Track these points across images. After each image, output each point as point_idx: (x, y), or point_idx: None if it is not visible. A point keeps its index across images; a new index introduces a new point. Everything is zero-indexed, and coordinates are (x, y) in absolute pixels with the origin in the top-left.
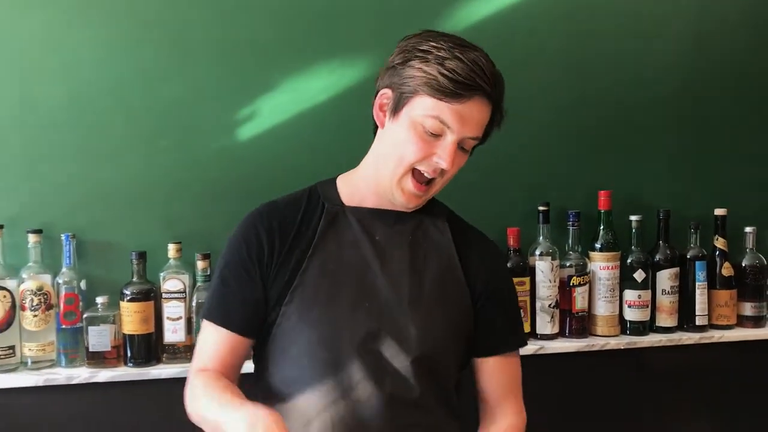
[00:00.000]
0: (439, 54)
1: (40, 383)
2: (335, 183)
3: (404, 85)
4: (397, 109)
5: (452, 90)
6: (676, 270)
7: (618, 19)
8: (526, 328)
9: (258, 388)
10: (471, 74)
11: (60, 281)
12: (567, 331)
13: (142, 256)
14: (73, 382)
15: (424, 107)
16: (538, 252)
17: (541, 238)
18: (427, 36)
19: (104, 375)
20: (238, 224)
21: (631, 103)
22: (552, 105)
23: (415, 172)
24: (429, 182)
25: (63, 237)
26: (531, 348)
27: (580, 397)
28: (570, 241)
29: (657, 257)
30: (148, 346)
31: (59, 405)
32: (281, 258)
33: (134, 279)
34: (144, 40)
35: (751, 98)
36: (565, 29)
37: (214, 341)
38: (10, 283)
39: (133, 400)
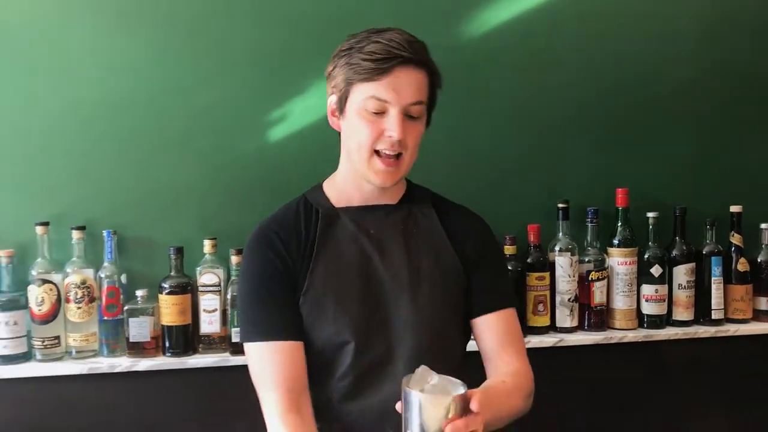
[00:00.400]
0: (358, 45)
1: (84, 371)
2: (322, 189)
3: (340, 85)
4: (342, 107)
5: (375, 67)
6: (692, 265)
7: (634, 18)
8: (546, 322)
9: None
10: (388, 48)
11: (102, 275)
12: (586, 325)
13: (179, 251)
14: (115, 370)
15: (360, 93)
16: (557, 248)
17: (560, 234)
18: (348, 37)
19: (144, 364)
20: (245, 251)
21: (649, 102)
22: (570, 104)
23: (380, 153)
24: (397, 157)
25: (105, 233)
26: (550, 340)
27: (598, 388)
28: (589, 238)
29: (673, 253)
30: (185, 337)
31: (102, 392)
32: (295, 266)
33: (172, 273)
34: (181, 47)
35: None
36: (582, 29)
37: (270, 359)
38: (56, 277)
39: (171, 388)
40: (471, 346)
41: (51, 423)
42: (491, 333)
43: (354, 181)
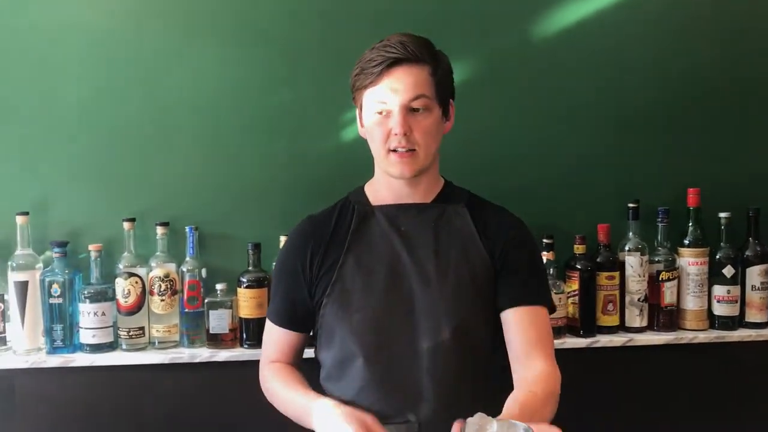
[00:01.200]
0: (362, 57)
1: (167, 361)
2: (363, 189)
3: (355, 98)
4: (361, 117)
5: (371, 74)
6: (766, 266)
7: (707, 16)
8: (615, 321)
9: (319, 371)
10: (380, 55)
11: (184, 269)
12: (656, 325)
13: (257, 247)
14: (195, 360)
15: (367, 100)
16: (627, 247)
17: (630, 234)
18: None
19: (223, 355)
20: (286, 240)
21: (721, 99)
22: (642, 103)
23: (395, 151)
24: (412, 152)
25: (187, 229)
26: (620, 340)
27: (668, 389)
28: (659, 237)
29: (747, 253)
30: (262, 329)
31: (182, 381)
32: (322, 261)
33: (250, 268)
34: (259, 51)
35: None
36: (656, 27)
37: (276, 338)
38: (141, 271)
39: (248, 378)
40: None
41: (134, 409)
42: (519, 328)
43: (384, 181)
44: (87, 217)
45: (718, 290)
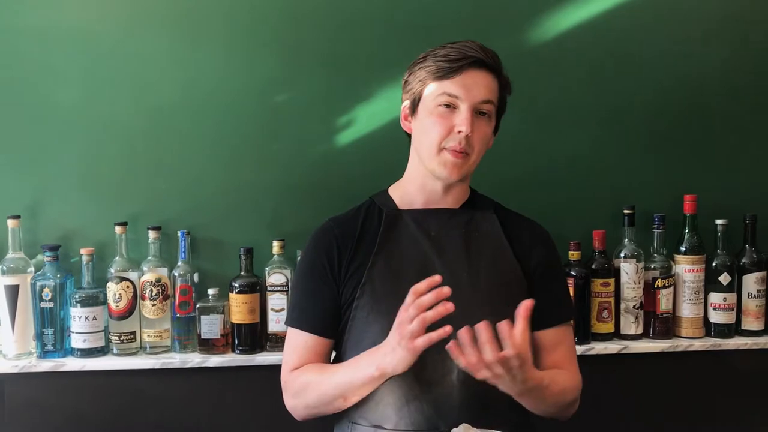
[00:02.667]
0: (433, 52)
1: (158, 366)
2: (387, 192)
3: (414, 88)
4: (414, 109)
5: (448, 67)
6: (762, 274)
7: (708, 22)
8: (610, 328)
9: None
10: (461, 51)
11: (176, 274)
12: (651, 332)
13: (249, 252)
14: (187, 365)
15: (433, 92)
16: (623, 254)
17: (626, 240)
18: (425, 51)
19: (214, 360)
20: (307, 241)
21: (718, 106)
22: (639, 109)
23: (448, 150)
24: (465, 155)
25: (179, 234)
26: (615, 347)
27: (663, 396)
28: (655, 244)
29: (743, 261)
30: (254, 335)
31: (173, 386)
32: (350, 262)
33: (242, 273)
34: (257, 56)
35: None
36: (654, 33)
37: (301, 345)
38: (133, 275)
39: (240, 384)
40: None
41: (125, 414)
42: (549, 346)
43: (419, 181)
44: (79, 220)
45: (714, 298)
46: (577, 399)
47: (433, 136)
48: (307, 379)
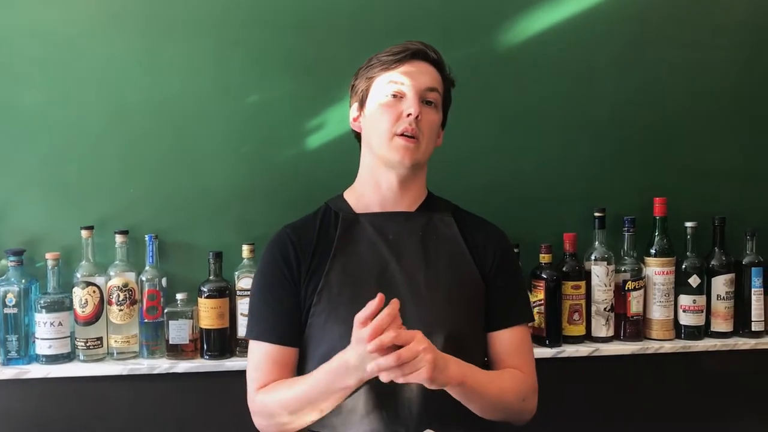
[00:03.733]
0: (377, 53)
1: (125, 372)
2: (343, 197)
3: (360, 88)
4: (362, 104)
5: (392, 58)
6: (731, 276)
7: (675, 26)
8: (581, 331)
9: None
10: (404, 45)
11: (143, 278)
12: (622, 335)
13: (218, 256)
14: (155, 372)
15: (380, 83)
16: (593, 257)
17: (596, 243)
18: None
19: (183, 366)
20: (264, 249)
21: (688, 110)
22: (608, 112)
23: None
24: (415, 140)
25: (147, 238)
26: (586, 350)
27: (634, 398)
28: (625, 247)
29: (712, 263)
30: (223, 340)
31: (141, 393)
32: (307, 266)
33: (211, 277)
34: (225, 57)
35: None
36: (622, 38)
37: (265, 359)
38: (99, 280)
39: (209, 390)
40: None
41: (91, 422)
42: (503, 347)
43: (373, 180)
44: (44, 224)
45: (684, 300)
46: (526, 401)
47: (383, 124)
48: (277, 400)
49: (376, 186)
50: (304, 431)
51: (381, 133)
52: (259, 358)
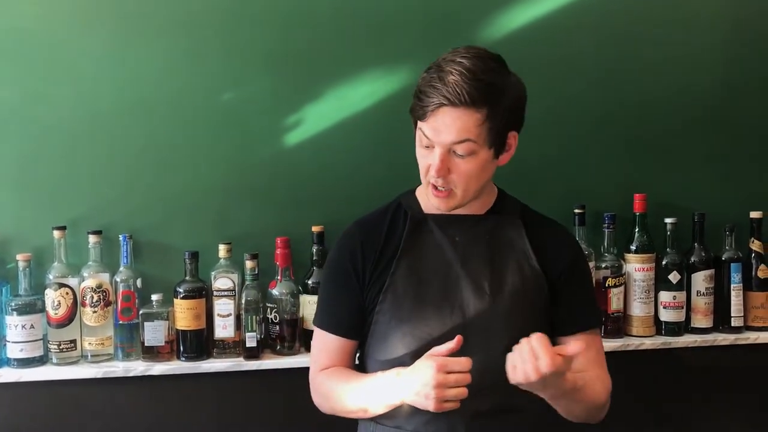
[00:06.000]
0: (425, 74)
1: (99, 375)
2: (415, 193)
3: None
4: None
5: (420, 108)
6: (711, 272)
7: (655, 24)
8: None
9: None
10: (433, 91)
11: (118, 279)
12: (603, 332)
13: (194, 256)
14: (130, 374)
15: (418, 129)
16: None
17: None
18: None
19: (159, 368)
20: (335, 242)
21: (667, 106)
22: (588, 108)
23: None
24: (449, 191)
25: (121, 238)
26: None
27: (614, 395)
28: (606, 243)
29: (692, 259)
30: (200, 341)
31: (117, 396)
32: (374, 265)
33: (187, 277)
34: (199, 53)
35: None
36: (601, 34)
37: (327, 347)
38: (72, 281)
39: (185, 393)
40: None
41: (66, 426)
42: (581, 358)
43: None
44: (15, 225)
45: (665, 296)
46: (608, 402)
47: (420, 168)
48: (332, 388)
49: None
50: (368, 422)
51: (421, 174)
52: (320, 345)
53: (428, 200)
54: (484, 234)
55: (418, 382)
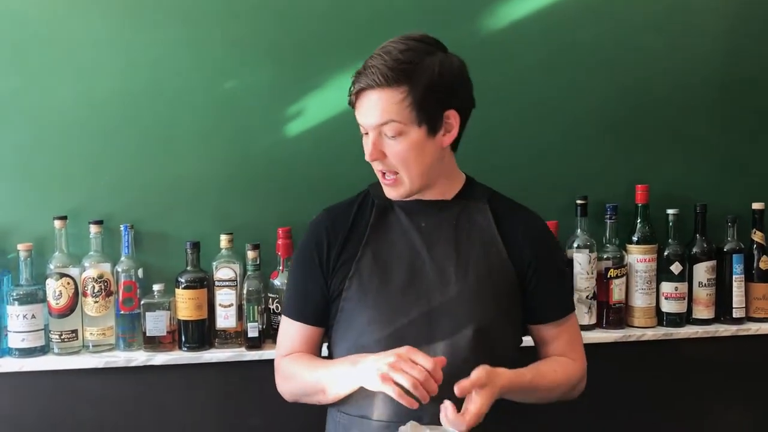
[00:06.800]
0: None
1: (101, 365)
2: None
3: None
4: None
5: (349, 100)
6: (712, 263)
7: (656, 13)
8: None
9: None
10: (355, 80)
11: (119, 269)
12: (604, 323)
13: (196, 246)
14: (132, 364)
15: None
16: (575, 244)
17: (578, 230)
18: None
19: (160, 358)
20: (304, 233)
21: (669, 96)
22: (590, 99)
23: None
24: (394, 175)
25: (122, 228)
26: None
27: (616, 386)
28: (607, 234)
29: (694, 250)
30: (201, 332)
31: (118, 386)
32: (340, 252)
33: (188, 268)
34: (200, 41)
35: None
36: (602, 24)
37: (292, 333)
38: (73, 271)
39: (187, 383)
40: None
41: (67, 416)
42: (549, 341)
43: None
44: (16, 214)
45: (666, 287)
46: (577, 388)
47: (366, 158)
48: (294, 371)
49: None
50: (334, 411)
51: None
52: (285, 331)
53: None
54: (450, 219)
55: (377, 359)
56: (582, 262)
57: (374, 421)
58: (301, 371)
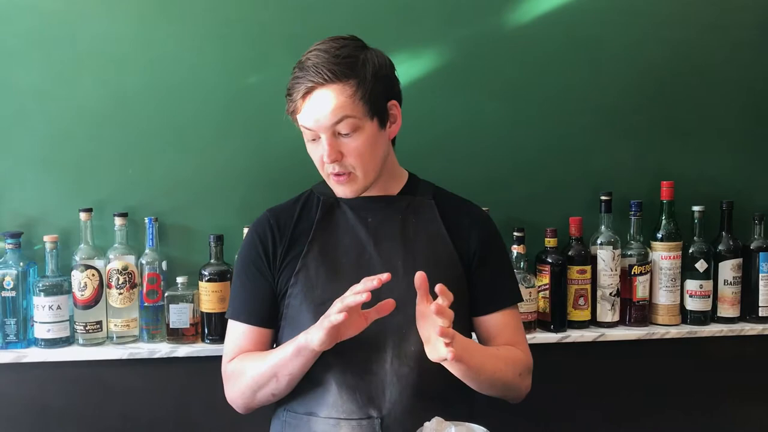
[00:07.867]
0: (293, 73)
1: (125, 356)
2: (327, 183)
3: (290, 110)
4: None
5: (292, 105)
6: (738, 261)
7: (686, 5)
8: (587, 316)
9: None
10: (293, 84)
11: (143, 262)
12: (627, 320)
13: (219, 239)
14: (155, 356)
15: (300, 124)
16: (599, 241)
17: (603, 227)
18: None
19: (183, 350)
20: (245, 235)
21: (695, 93)
22: (616, 95)
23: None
24: (349, 174)
25: (146, 220)
26: (591, 335)
27: (639, 384)
28: (632, 231)
29: (719, 248)
30: (224, 324)
31: (141, 377)
32: (285, 251)
33: (212, 260)
34: (224, 37)
35: None
36: (630, 17)
37: (240, 337)
38: (98, 263)
39: (210, 375)
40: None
41: (90, 406)
42: (496, 330)
43: None
44: (42, 207)
45: (691, 285)
46: (523, 377)
47: (317, 166)
48: (243, 366)
49: None
50: (280, 410)
51: (319, 170)
52: (233, 336)
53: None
54: (396, 214)
55: (320, 320)
56: (606, 258)
57: (322, 418)
58: (250, 364)
